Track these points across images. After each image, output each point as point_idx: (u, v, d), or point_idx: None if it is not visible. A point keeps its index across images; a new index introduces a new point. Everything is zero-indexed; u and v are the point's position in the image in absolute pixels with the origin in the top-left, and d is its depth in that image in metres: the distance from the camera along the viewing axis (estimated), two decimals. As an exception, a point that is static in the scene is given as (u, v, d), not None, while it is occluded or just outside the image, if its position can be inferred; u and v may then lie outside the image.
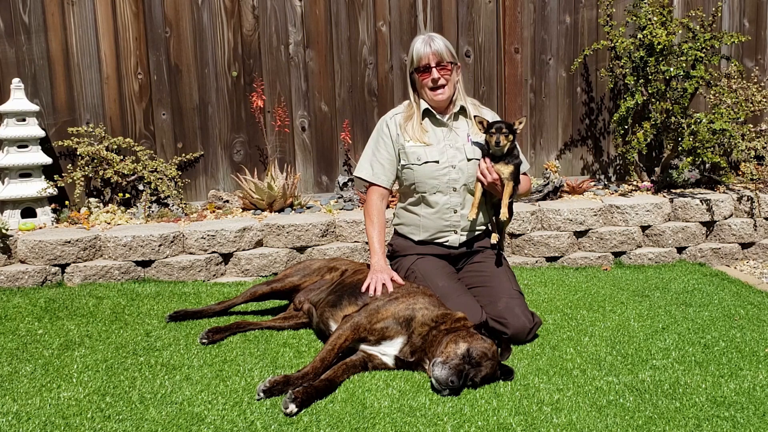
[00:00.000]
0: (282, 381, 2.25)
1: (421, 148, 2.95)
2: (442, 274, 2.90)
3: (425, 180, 2.94)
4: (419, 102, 2.99)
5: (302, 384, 2.25)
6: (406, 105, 3.05)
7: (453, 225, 2.98)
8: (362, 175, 3.03)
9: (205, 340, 2.78)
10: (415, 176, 2.96)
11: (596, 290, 3.55)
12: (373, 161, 3.01)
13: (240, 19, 4.50)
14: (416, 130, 2.96)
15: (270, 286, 3.06)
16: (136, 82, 4.42)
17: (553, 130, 4.94)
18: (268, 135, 4.57)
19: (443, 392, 2.26)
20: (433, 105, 2.98)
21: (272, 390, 2.23)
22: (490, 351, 2.35)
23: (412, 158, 2.95)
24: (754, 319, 3.08)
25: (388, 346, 2.47)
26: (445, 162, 2.93)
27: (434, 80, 2.89)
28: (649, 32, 4.32)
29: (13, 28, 4.22)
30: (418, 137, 2.95)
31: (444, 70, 2.90)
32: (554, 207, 4.16)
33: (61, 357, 2.62)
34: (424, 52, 2.88)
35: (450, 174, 2.93)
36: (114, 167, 4.23)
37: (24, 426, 2.06)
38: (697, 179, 4.69)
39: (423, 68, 2.90)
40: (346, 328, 2.45)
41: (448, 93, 2.93)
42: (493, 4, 4.75)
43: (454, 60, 2.94)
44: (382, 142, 3.01)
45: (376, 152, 3.01)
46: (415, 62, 2.92)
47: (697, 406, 2.19)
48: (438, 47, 2.88)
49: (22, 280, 3.61)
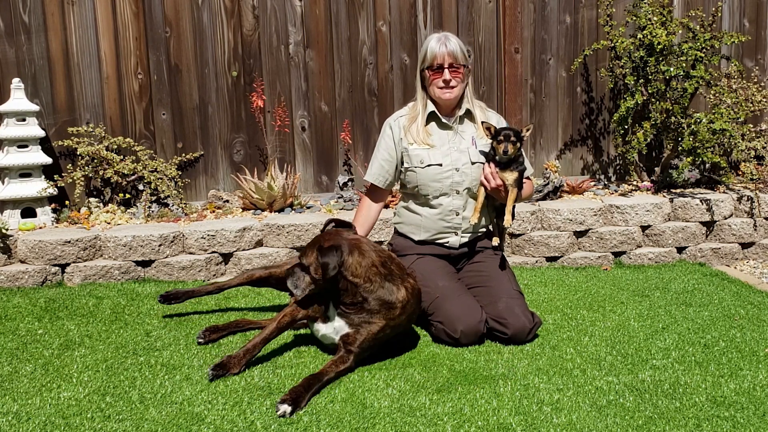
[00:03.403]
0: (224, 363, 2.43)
1: (425, 151, 2.94)
2: (442, 274, 2.90)
3: (428, 183, 2.95)
4: (425, 102, 2.98)
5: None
6: (410, 107, 3.05)
7: (454, 227, 2.98)
8: (365, 176, 3.08)
9: (201, 339, 2.76)
10: (418, 179, 2.96)
11: (596, 290, 3.55)
12: (373, 162, 3.04)
13: (240, 18, 4.50)
14: (420, 133, 2.96)
15: (268, 270, 3.03)
16: (136, 82, 4.42)
17: (553, 129, 4.94)
18: (268, 135, 4.57)
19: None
20: (440, 105, 2.97)
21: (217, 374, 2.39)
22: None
23: (415, 161, 2.95)
24: (754, 319, 3.08)
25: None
26: (448, 165, 2.93)
27: (446, 81, 2.88)
28: (649, 32, 4.32)
29: (13, 28, 4.22)
30: (422, 139, 2.95)
31: (456, 72, 2.89)
32: (554, 207, 4.16)
33: (61, 357, 2.62)
34: (439, 51, 2.87)
35: (453, 177, 2.93)
36: (114, 167, 4.23)
37: (24, 426, 2.06)
38: (697, 179, 4.69)
39: (436, 67, 2.89)
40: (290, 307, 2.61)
41: (457, 93, 2.93)
42: (493, 4, 4.75)
43: (466, 62, 2.94)
44: (384, 143, 3.03)
45: (377, 153, 3.04)
46: (428, 60, 2.91)
47: (697, 406, 2.19)
48: (453, 48, 2.88)
49: (22, 280, 3.61)
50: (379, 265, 2.52)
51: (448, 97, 2.91)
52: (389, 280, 2.52)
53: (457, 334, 2.67)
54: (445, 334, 2.71)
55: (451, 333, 2.69)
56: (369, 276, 2.49)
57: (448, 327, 2.70)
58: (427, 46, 2.92)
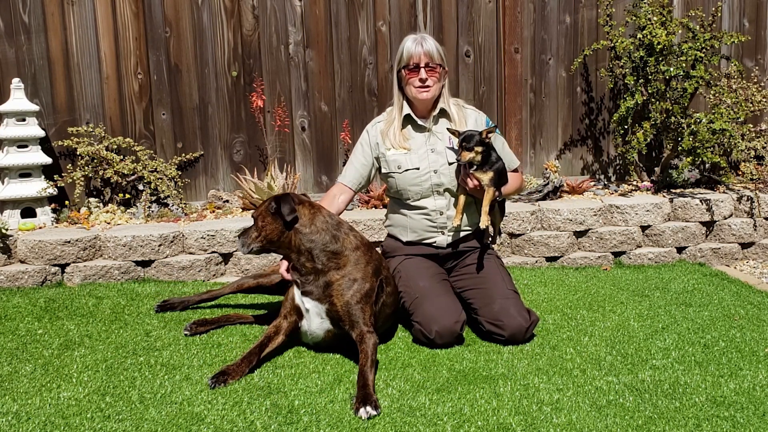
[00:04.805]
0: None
1: (402, 156, 2.96)
2: (424, 275, 2.89)
3: (408, 187, 2.96)
4: (402, 104, 2.99)
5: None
6: (387, 112, 3.07)
7: (440, 226, 2.98)
8: (340, 179, 3.08)
9: (187, 332, 2.84)
10: (398, 184, 2.98)
11: (596, 290, 3.55)
12: (349, 166, 3.07)
13: (240, 19, 4.50)
14: (397, 136, 2.98)
15: (257, 280, 3.10)
16: (136, 82, 4.42)
17: (553, 130, 4.94)
18: (268, 135, 4.57)
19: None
20: (416, 105, 2.98)
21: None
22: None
23: (392, 166, 2.97)
24: (754, 319, 3.08)
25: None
26: (426, 168, 2.94)
27: (422, 80, 2.89)
28: (648, 32, 4.32)
29: (13, 28, 4.22)
30: (399, 143, 2.97)
31: (432, 71, 2.90)
32: (554, 207, 4.16)
33: (61, 357, 2.62)
34: (415, 51, 2.89)
35: (432, 179, 2.94)
36: (114, 167, 4.23)
37: (24, 426, 2.06)
38: (697, 179, 4.69)
39: (412, 67, 2.90)
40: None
41: (433, 93, 2.93)
42: (493, 4, 4.75)
43: (443, 63, 2.94)
44: (360, 148, 3.05)
45: (354, 158, 3.06)
46: (404, 60, 2.92)
47: (697, 406, 2.19)
48: (429, 48, 2.89)
49: (22, 280, 3.61)
50: (327, 217, 2.59)
51: (424, 97, 2.92)
52: (336, 229, 2.58)
53: (432, 334, 2.67)
54: (421, 334, 2.71)
55: (426, 333, 2.68)
56: (316, 225, 2.54)
57: (425, 327, 2.69)
58: (404, 47, 2.93)
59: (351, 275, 2.54)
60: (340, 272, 2.54)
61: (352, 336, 2.50)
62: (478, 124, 3.00)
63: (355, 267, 2.56)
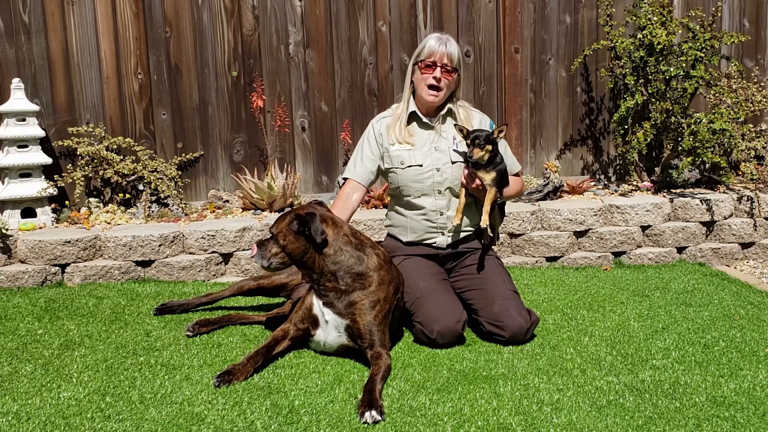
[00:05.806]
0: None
1: (405, 152, 2.96)
2: (425, 275, 2.89)
3: (409, 183, 2.96)
4: (409, 98, 3.00)
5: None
6: (393, 108, 3.08)
7: (440, 227, 2.98)
8: (347, 174, 3.05)
9: (189, 332, 2.83)
10: (399, 180, 2.97)
11: (596, 290, 3.55)
12: (356, 160, 3.05)
13: (240, 19, 4.50)
14: (402, 132, 2.98)
15: (257, 282, 3.10)
16: (136, 82, 4.42)
17: (553, 130, 4.94)
18: (268, 135, 4.57)
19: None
20: (423, 105, 2.98)
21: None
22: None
23: (395, 162, 2.97)
24: (754, 319, 3.08)
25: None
26: (429, 165, 2.94)
27: (436, 79, 2.89)
28: (649, 32, 4.32)
29: (13, 28, 4.22)
30: (403, 138, 2.97)
31: (448, 74, 2.90)
32: (554, 207, 4.16)
33: (61, 357, 2.62)
34: (438, 49, 2.89)
35: (434, 177, 2.94)
36: (114, 167, 4.23)
37: (24, 426, 2.06)
38: (697, 179, 4.69)
39: (429, 63, 2.90)
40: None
41: (441, 97, 2.94)
42: (493, 4, 4.75)
43: (459, 68, 2.95)
44: (367, 142, 3.04)
45: (360, 151, 3.05)
46: (424, 54, 2.92)
47: (697, 406, 2.19)
48: (451, 51, 2.91)
49: (22, 280, 3.61)
50: (350, 235, 2.56)
51: (431, 100, 2.93)
52: (359, 249, 2.55)
53: (434, 334, 2.67)
54: (423, 334, 2.71)
55: (427, 333, 2.68)
56: (340, 246, 2.50)
57: (426, 327, 2.69)
58: (426, 42, 2.93)
59: (374, 295, 2.52)
60: (364, 292, 2.52)
61: (366, 354, 2.49)
62: (483, 126, 3.02)
63: (379, 287, 2.54)
